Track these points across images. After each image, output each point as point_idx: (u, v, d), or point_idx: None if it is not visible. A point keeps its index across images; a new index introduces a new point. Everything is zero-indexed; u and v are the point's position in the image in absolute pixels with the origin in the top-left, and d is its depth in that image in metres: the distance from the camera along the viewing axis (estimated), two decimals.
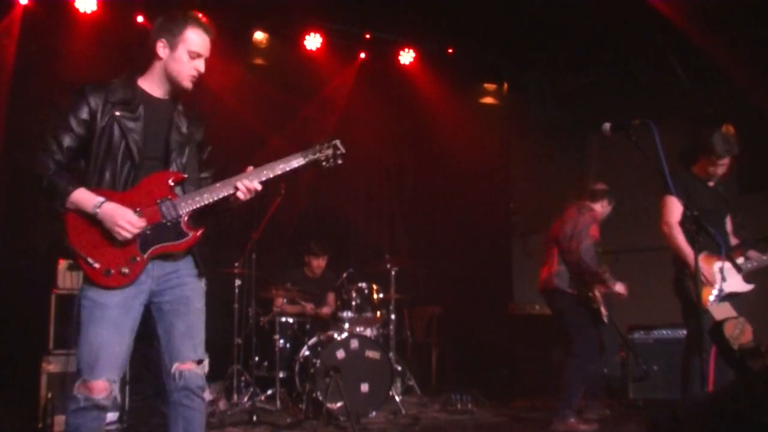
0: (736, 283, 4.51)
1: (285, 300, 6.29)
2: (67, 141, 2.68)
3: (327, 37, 7.27)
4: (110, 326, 2.64)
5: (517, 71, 8.17)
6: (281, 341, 5.90)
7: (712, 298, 4.35)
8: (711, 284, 4.39)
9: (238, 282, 5.98)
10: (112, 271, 2.64)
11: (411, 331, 7.40)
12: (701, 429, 1.92)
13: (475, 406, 5.88)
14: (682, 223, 4.45)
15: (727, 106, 6.85)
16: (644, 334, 6.00)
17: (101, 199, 2.63)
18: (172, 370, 2.77)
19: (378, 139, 8.01)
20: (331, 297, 6.75)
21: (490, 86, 8.36)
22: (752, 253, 4.61)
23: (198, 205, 2.76)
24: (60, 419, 4.44)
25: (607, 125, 3.35)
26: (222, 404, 5.67)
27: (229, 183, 2.78)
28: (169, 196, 2.74)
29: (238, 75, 7.12)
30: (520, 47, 7.41)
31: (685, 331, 4.87)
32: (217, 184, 2.80)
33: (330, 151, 2.98)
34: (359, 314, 5.90)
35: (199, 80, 2.98)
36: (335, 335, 5.65)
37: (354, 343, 5.52)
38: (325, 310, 6.48)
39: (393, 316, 6.37)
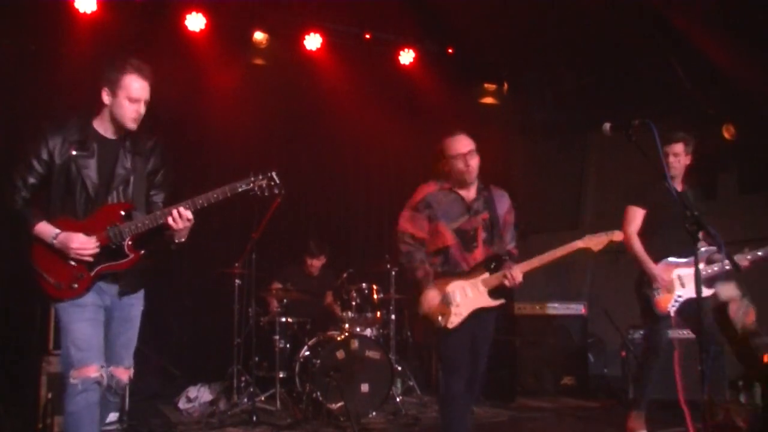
0: (694, 289, 4.61)
1: (285, 300, 6.29)
2: (30, 179, 3.17)
3: (327, 37, 7.26)
4: (89, 323, 3.16)
5: (517, 71, 8.16)
6: (281, 341, 5.90)
7: (671, 304, 4.50)
8: (671, 291, 4.53)
9: (238, 282, 5.99)
10: (63, 285, 3.15)
11: (411, 331, 7.39)
12: None
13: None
14: (669, 225, 4.51)
15: (727, 106, 6.85)
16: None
17: (57, 231, 3.12)
18: (108, 370, 3.24)
19: (378, 139, 8.00)
20: (329, 296, 6.76)
21: (490, 86, 8.33)
22: (717, 256, 4.67)
23: (140, 230, 3.20)
24: (60, 420, 4.43)
25: (607, 125, 3.36)
26: (222, 404, 5.67)
27: (167, 211, 3.19)
28: (118, 223, 3.19)
29: (238, 75, 7.12)
30: (520, 47, 7.40)
31: (686, 332, 4.89)
32: (158, 212, 3.22)
33: (264, 182, 3.30)
34: (359, 314, 5.90)
35: (197, 84, 3.09)
36: (335, 335, 5.65)
37: (354, 343, 5.52)
38: (337, 310, 6.46)
39: (393, 316, 6.37)
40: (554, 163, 8.39)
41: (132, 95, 3.16)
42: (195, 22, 6.61)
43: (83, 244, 3.11)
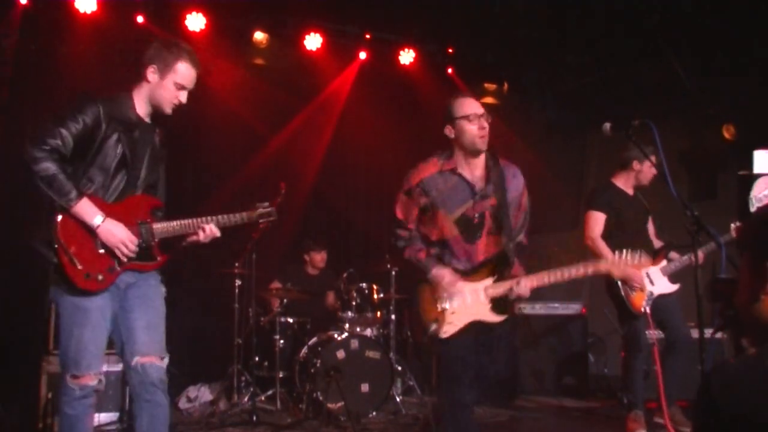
0: (663, 285, 4.77)
1: (285, 300, 6.29)
2: (73, 129, 2.86)
3: (327, 37, 7.27)
4: (92, 328, 2.92)
5: (517, 71, 8.16)
6: (281, 341, 5.90)
7: (645, 302, 4.65)
8: (644, 289, 4.67)
9: (238, 282, 5.99)
10: (91, 276, 2.89)
11: (411, 331, 7.39)
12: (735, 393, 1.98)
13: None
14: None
15: (727, 106, 6.84)
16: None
17: (102, 216, 2.88)
18: (133, 364, 2.99)
19: (378, 139, 8.00)
20: (330, 296, 6.76)
21: (490, 86, 8.34)
22: (674, 255, 4.86)
23: (170, 234, 3.08)
24: None
25: (607, 125, 3.38)
26: (222, 404, 5.67)
27: (199, 222, 3.09)
28: (148, 220, 3.05)
29: (238, 75, 7.12)
30: (520, 47, 7.40)
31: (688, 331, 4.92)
32: (189, 220, 3.09)
33: (265, 218, 3.31)
34: (359, 314, 5.90)
35: (201, 82, 3.07)
36: (335, 335, 5.65)
37: (354, 343, 5.52)
38: (338, 307, 6.43)
39: (393, 316, 6.37)
40: (554, 163, 8.38)
41: (180, 81, 3.10)
42: (195, 22, 6.61)
43: (133, 241, 2.94)
